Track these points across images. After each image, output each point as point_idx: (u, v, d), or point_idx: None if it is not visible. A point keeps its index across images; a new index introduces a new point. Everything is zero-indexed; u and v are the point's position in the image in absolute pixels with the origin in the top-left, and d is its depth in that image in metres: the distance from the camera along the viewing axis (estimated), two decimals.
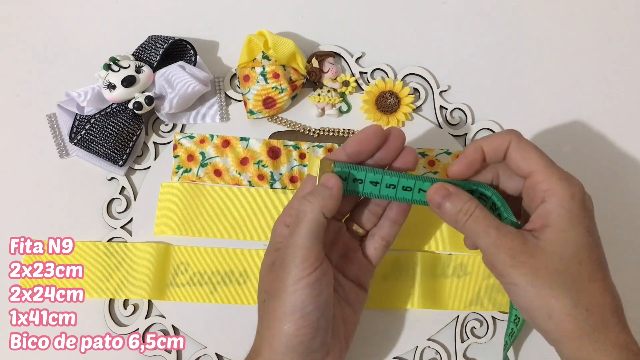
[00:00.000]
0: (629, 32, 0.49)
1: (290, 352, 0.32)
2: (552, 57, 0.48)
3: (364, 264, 0.38)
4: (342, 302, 0.36)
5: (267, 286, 0.34)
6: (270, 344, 0.32)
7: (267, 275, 0.35)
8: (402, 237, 0.43)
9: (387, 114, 0.45)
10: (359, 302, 0.37)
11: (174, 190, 0.44)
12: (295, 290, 0.32)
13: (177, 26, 0.48)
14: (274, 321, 0.32)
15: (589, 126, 0.47)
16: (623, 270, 0.38)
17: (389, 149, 0.35)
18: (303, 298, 0.32)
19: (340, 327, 0.35)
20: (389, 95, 0.45)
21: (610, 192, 0.45)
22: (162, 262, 0.43)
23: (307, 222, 0.33)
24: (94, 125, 0.43)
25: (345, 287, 0.37)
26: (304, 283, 0.32)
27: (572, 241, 0.31)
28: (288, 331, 0.32)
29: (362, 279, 0.37)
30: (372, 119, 0.45)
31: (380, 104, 0.45)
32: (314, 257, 0.32)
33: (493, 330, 0.42)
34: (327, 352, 0.34)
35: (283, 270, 0.32)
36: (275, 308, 0.32)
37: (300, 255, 0.32)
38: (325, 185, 0.34)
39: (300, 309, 0.32)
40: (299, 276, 0.32)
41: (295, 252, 0.32)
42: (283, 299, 0.32)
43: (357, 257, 0.38)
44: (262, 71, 0.45)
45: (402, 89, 0.45)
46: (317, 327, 0.32)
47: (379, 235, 0.38)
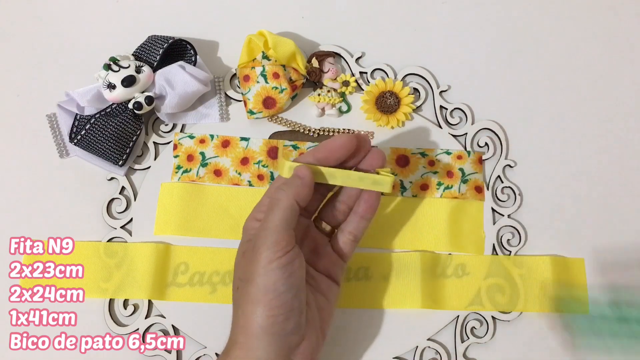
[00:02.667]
0: (629, 32, 0.49)
1: (265, 335, 0.32)
2: (552, 57, 0.49)
3: (333, 258, 0.38)
4: (316, 293, 0.37)
5: (241, 274, 0.35)
6: (245, 329, 0.33)
7: (240, 264, 0.36)
8: (402, 237, 0.44)
9: (387, 114, 0.45)
10: (332, 294, 0.38)
11: (174, 190, 0.44)
12: (267, 271, 0.33)
13: (177, 26, 0.48)
14: (247, 304, 0.33)
15: (589, 126, 0.47)
16: None
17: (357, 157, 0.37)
18: (275, 279, 0.32)
19: (315, 315, 0.36)
20: (389, 95, 0.45)
21: (610, 192, 0.45)
22: (162, 262, 0.43)
23: (280, 208, 0.34)
24: (94, 125, 0.43)
25: (316, 279, 0.37)
26: (276, 264, 0.33)
27: None
28: (262, 312, 0.32)
29: (332, 272, 0.38)
30: (372, 118, 0.45)
31: (380, 104, 0.45)
32: (285, 241, 0.33)
33: (493, 330, 0.42)
34: (302, 337, 0.34)
35: (255, 254, 0.33)
36: (249, 292, 0.33)
37: (273, 238, 0.33)
38: (297, 175, 0.35)
39: (273, 289, 0.32)
40: (270, 258, 0.33)
41: (268, 236, 0.33)
42: (256, 281, 0.33)
43: (327, 252, 0.38)
44: (262, 71, 0.45)
45: (402, 89, 0.45)
46: (291, 307, 0.33)
47: (347, 230, 0.38)
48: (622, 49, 0.49)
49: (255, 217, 0.37)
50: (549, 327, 0.42)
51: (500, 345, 0.42)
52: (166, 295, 0.42)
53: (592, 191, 0.45)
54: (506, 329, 0.42)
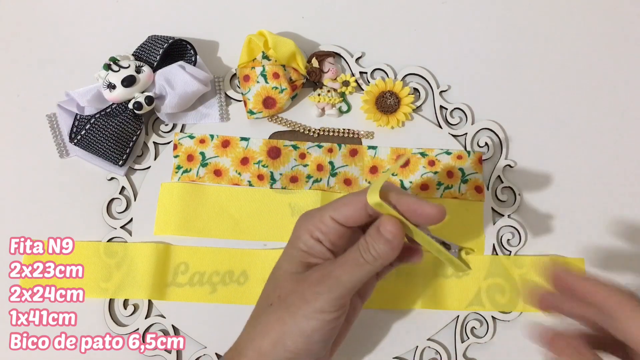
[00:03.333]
0: (629, 32, 0.49)
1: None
2: (552, 57, 0.48)
3: (372, 279, 0.37)
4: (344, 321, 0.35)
5: (283, 293, 0.33)
6: (259, 349, 0.32)
7: (289, 283, 0.33)
8: None
9: (387, 114, 0.45)
10: (354, 314, 0.36)
11: (174, 190, 0.44)
12: (314, 317, 0.31)
13: (177, 26, 0.48)
14: (273, 331, 0.32)
15: (589, 126, 0.47)
16: None
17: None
18: (316, 328, 0.31)
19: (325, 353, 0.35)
20: (389, 95, 0.45)
21: (610, 192, 0.45)
22: (162, 262, 0.43)
23: (361, 272, 0.31)
24: (94, 125, 0.43)
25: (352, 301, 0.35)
26: (325, 317, 0.31)
27: None
28: (285, 347, 0.31)
29: (368, 291, 0.37)
30: (372, 118, 0.45)
31: (380, 104, 0.45)
32: (346, 301, 0.32)
33: (493, 330, 0.42)
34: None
35: (311, 294, 0.31)
36: (284, 321, 0.32)
37: (338, 293, 0.31)
38: (389, 239, 0.31)
39: (308, 335, 0.31)
40: (324, 309, 0.31)
41: (335, 288, 0.31)
42: (297, 317, 0.31)
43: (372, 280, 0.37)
44: (262, 71, 0.45)
45: (402, 89, 0.45)
46: (315, 353, 0.32)
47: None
48: (623, 49, 0.49)
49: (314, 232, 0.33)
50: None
51: (500, 345, 0.42)
52: (166, 295, 0.42)
53: (592, 191, 0.45)
54: (506, 329, 0.42)
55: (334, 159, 0.45)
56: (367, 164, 0.45)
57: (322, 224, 0.33)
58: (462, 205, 0.44)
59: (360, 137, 0.46)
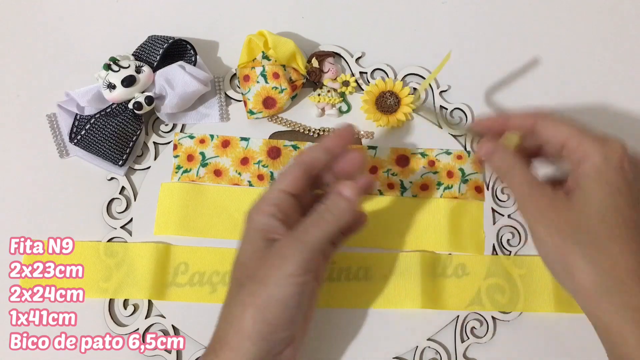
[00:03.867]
0: (629, 32, 0.49)
1: (260, 340, 0.32)
2: (551, 57, 0.48)
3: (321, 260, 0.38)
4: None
5: (251, 272, 0.34)
6: (239, 329, 0.33)
7: (252, 260, 0.34)
8: (402, 237, 0.44)
9: (387, 114, 0.45)
10: (314, 297, 0.38)
11: (174, 190, 0.44)
12: (286, 284, 0.32)
13: (177, 26, 0.48)
14: (249, 306, 0.32)
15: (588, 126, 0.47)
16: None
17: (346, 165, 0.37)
18: (291, 294, 0.32)
19: (301, 320, 0.36)
20: (389, 95, 0.45)
21: None
22: (161, 262, 0.43)
23: (324, 230, 0.33)
24: (94, 125, 0.43)
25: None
26: (296, 280, 0.32)
27: (598, 201, 0.32)
28: (264, 319, 0.32)
29: (319, 272, 0.38)
30: (372, 119, 0.45)
31: (380, 104, 0.45)
32: (314, 263, 0.33)
33: (493, 330, 0.42)
34: (289, 343, 0.35)
35: (280, 263, 0.33)
36: (257, 294, 0.32)
37: (306, 255, 0.32)
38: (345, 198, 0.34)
39: (284, 302, 0.32)
40: (294, 273, 0.32)
41: (302, 251, 0.33)
42: (270, 287, 0.32)
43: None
44: (262, 71, 0.45)
45: (402, 89, 0.45)
46: (292, 321, 0.33)
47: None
48: (623, 49, 0.49)
49: (266, 211, 0.35)
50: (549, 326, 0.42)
51: (500, 345, 0.42)
52: (166, 296, 0.42)
53: None
54: (506, 329, 0.42)
55: None
56: (367, 164, 0.45)
57: (271, 199, 0.35)
58: (463, 205, 0.44)
59: (360, 137, 0.46)
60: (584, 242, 0.32)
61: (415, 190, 0.45)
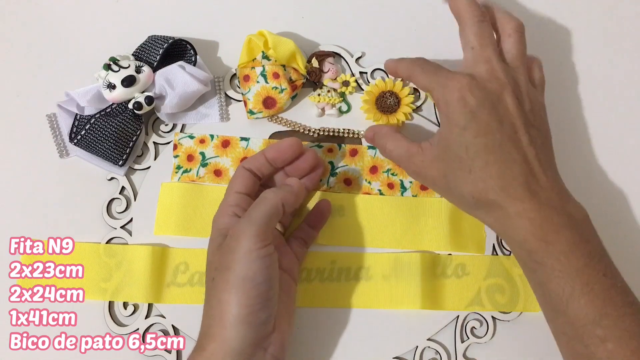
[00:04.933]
0: (629, 32, 0.49)
1: (241, 324, 0.33)
2: (551, 57, 0.48)
3: (292, 258, 0.41)
4: (281, 291, 0.38)
5: (217, 264, 0.36)
6: (220, 320, 0.34)
7: (216, 255, 0.36)
8: (402, 237, 0.44)
9: (386, 114, 0.45)
10: (292, 291, 0.39)
11: (174, 190, 0.44)
12: (248, 261, 0.34)
13: (177, 26, 0.48)
14: (224, 292, 0.34)
15: (587, 126, 0.47)
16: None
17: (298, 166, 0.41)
18: (255, 269, 0.34)
19: (281, 308, 0.37)
20: (389, 95, 0.45)
21: (609, 191, 0.45)
22: (161, 262, 0.43)
23: (267, 205, 0.36)
24: (94, 125, 0.43)
25: (281, 276, 0.38)
26: (256, 255, 0.34)
27: (451, 142, 0.37)
28: (239, 301, 0.33)
29: (293, 271, 0.40)
30: (372, 119, 0.45)
31: (380, 104, 0.45)
32: (266, 234, 0.35)
33: (493, 330, 0.42)
34: (274, 328, 0.36)
35: (236, 243, 0.34)
36: (228, 280, 0.34)
37: (255, 230, 0.34)
38: (288, 184, 0.39)
39: (252, 279, 0.34)
40: (251, 248, 0.34)
41: (251, 227, 0.35)
42: (235, 269, 0.34)
43: (287, 251, 0.41)
44: (262, 71, 0.45)
45: (402, 89, 0.45)
46: (267, 298, 0.34)
47: (300, 237, 0.42)
48: (623, 49, 0.49)
49: (227, 212, 0.38)
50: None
51: (500, 345, 0.42)
52: (166, 295, 0.42)
53: (591, 191, 0.45)
54: (506, 329, 0.43)
55: (333, 159, 0.45)
56: (367, 164, 0.45)
57: (230, 201, 0.38)
58: None
59: (360, 137, 0.46)
60: (444, 177, 0.37)
61: (415, 190, 0.45)
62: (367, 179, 0.45)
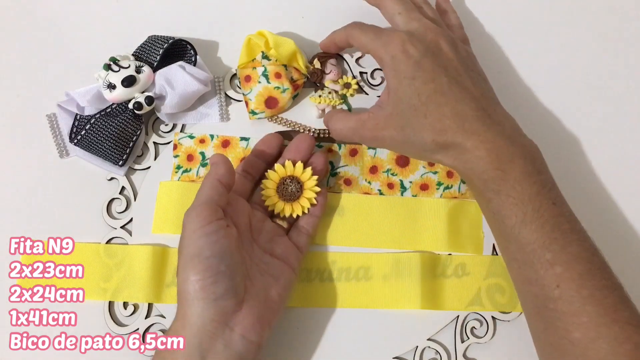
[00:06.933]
0: (629, 32, 0.49)
1: (197, 300, 0.35)
2: (550, 57, 0.49)
3: (289, 247, 0.41)
4: (265, 274, 0.39)
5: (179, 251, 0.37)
6: (180, 299, 0.36)
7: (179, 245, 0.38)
8: (402, 237, 0.44)
9: (290, 202, 0.42)
10: (284, 277, 0.40)
11: (172, 189, 0.44)
12: (193, 240, 0.35)
13: (177, 26, 0.48)
14: (181, 274, 0.35)
15: (586, 126, 0.47)
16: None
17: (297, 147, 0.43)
18: (200, 245, 0.35)
19: (259, 291, 0.38)
20: (289, 181, 0.42)
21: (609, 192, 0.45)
22: (161, 263, 0.43)
23: (203, 187, 0.38)
24: (94, 125, 0.43)
25: (270, 264, 0.40)
26: (200, 233, 0.35)
27: (402, 94, 0.38)
28: (191, 277, 0.35)
29: (289, 259, 0.41)
30: (273, 208, 0.42)
31: (281, 192, 0.42)
32: (207, 213, 0.36)
33: (493, 330, 0.42)
34: (239, 305, 0.36)
35: (184, 229, 0.36)
36: (181, 261, 0.36)
37: (196, 211, 0.36)
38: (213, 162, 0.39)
39: (198, 254, 0.35)
40: (194, 228, 0.36)
41: (192, 211, 0.36)
42: (184, 251, 0.36)
43: (283, 241, 0.41)
44: (264, 71, 0.45)
45: (303, 172, 0.42)
46: (217, 271, 0.35)
47: (301, 225, 0.42)
48: (623, 50, 0.49)
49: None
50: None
51: (500, 345, 0.42)
52: (166, 295, 0.42)
53: (591, 190, 0.45)
54: (506, 329, 0.43)
55: (334, 159, 0.45)
56: (367, 164, 0.45)
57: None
58: (462, 205, 0.44)
59: None
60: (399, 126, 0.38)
61: (415, 190, 0.45)
62: (366, 179, 0.45)
